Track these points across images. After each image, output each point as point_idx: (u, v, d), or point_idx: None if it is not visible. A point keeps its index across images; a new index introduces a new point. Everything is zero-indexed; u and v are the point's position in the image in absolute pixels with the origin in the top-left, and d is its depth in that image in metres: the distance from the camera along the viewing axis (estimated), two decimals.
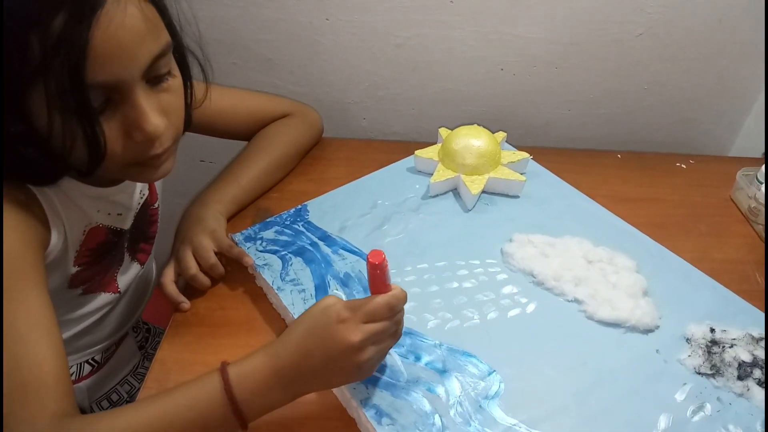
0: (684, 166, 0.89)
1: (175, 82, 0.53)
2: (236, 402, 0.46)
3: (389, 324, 0.49)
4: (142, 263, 0.72)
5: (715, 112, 0.97)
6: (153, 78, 0.50)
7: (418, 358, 0.57)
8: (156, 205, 0.72)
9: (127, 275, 0.70)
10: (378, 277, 0.48)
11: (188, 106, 0.58)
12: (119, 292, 0.70)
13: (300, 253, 0.68)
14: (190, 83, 0.58)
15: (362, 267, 0.66)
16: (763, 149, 0.91)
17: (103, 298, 0.68)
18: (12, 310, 0.47)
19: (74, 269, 0.61)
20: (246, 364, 0.48)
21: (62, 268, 0.60)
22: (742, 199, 0.80)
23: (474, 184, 0.74)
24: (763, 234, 0.75)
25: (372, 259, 0.47)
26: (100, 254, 0.63)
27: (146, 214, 0.70)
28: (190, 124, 0.65)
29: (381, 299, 0.48)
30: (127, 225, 0.66)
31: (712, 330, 0.59)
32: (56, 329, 0.50)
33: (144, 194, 0.68)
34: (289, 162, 0.84)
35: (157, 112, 0.49)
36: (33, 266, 0.51)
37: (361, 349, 0.47)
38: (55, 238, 0.56)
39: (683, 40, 0.88)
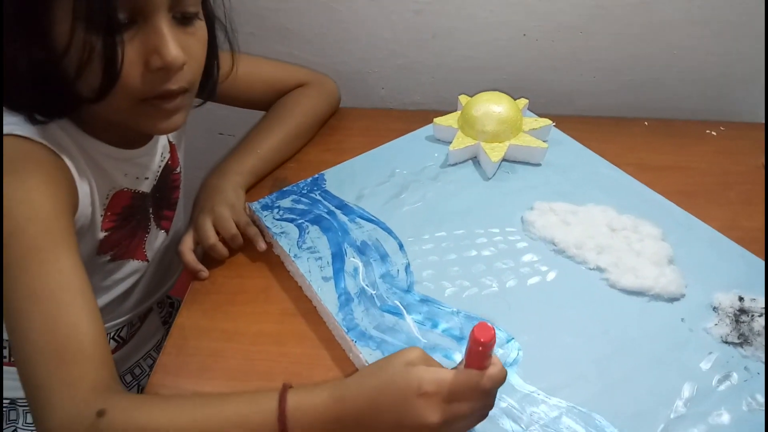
0: (714, 134, 0.85)
1: (201, 30, 0.53)
2: None
3: (476, 407, 0.43)
4: (167, 231, 0.73)
5: (748, 77, 0.93)
6: (180, 16, 0.50)
7: (435, 325, 0.56)
8: (178, 170, 0.72)
9: (154, 243, 0.71)
10: (479, 354, 0.41)
11: (214, 75, 0.59)
12: (147, 260, 0.70)
13: (317, 221, 0.67)
14: (216, 52, 0.58)
15: (379, 235, 0.65)
16: None
17: (132, 265, 0.69)
18: (45, 271, 0.47)
19: (102, 234, 0.61)
20: (307, 399, 0.44)
21: (91, 234, 0.60)
22: None
23: (494, 152, 0.72)
24: None
25: (479, 335, 0.40)
26: (125, 218, 0.64)
27: (168, 179, 0.70)
28: (214, 93, 0.65)
29: (472, 377, 0.41)
30: (148, 188, 0.66)
31: (741, 298, 0.57)
32: (91, 294, 0.49)
33: (165, 157, 0.68)
34: (306, 132, 0.83)
35: (178, 45, 0.49)
36: (65, 229, 0.50)
37: (436, 430, 0.42)
38: (83, 203, 0.56)
39: (715, 1, 0.84)
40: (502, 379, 0.42)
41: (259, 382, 0.55)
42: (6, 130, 0.50)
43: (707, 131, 0.86)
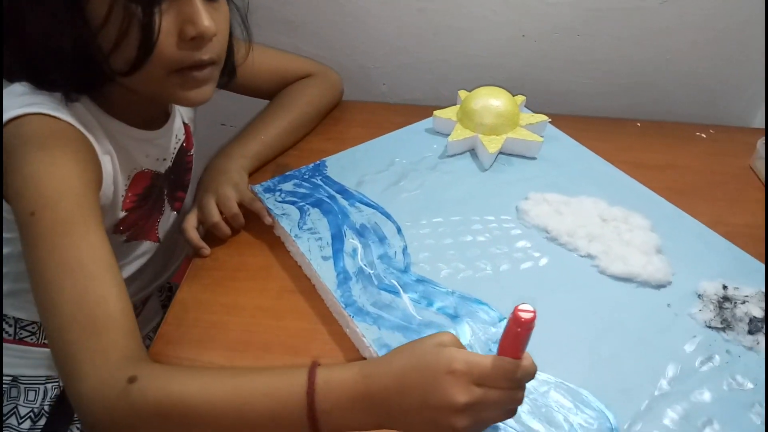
0: (704, 136, 0.88)
1: (225, 7, 0.56)
2: (315, 410, 0.42)
3: (505, 397, 0.42)
4: (178, 212, 0.75)
5: (738, 83, 0.96)
6: None
7: (430, 304, 0.58)
8: (191, 152, 0.74)
9: (166, 224, 0.73)
10: (516, 337, 0.39)
11: (232, 57, 0.62)
12: (159, 240, 0.72)
13: (318, 204, 0.69)
14: (231, 36, 0.61)
15: (378, 219, 0.67)
16: None
17: (145, 246, 0.70)
18: (75, 244, 0.47)
19: (122, 214, 0.63)
20: (336, 374, 0.43)
21: (111, 213, 0.62)
22: (762, 168, 0.79)
23: (491, 144, 0.74)
24: None
25: (521, 314, 0.38)
26: (144, 198, 0.65)
27: (183, 161, 0.72)
28: (234, 75, 0.67)
29: (505, 364, 0.41)
30: (164, 168, 0.68)
31: (725, 287, 0.59)
32: (117, 268, 0.49)
33: (180, 139, 0.70)
34: (309, 121, 0.86)
35: (210, 16, 0.52)
36: (93, 204, 0.52)
37: (462, 412, 0.40)
38: (106, 182, 0.57)
39: (708, 8, 0.87)
40: (533, 372, 0.42)
41: (257, 353, 0.57)
42: (34, 109, 0.52)
43: (697, 133, 0.89)
